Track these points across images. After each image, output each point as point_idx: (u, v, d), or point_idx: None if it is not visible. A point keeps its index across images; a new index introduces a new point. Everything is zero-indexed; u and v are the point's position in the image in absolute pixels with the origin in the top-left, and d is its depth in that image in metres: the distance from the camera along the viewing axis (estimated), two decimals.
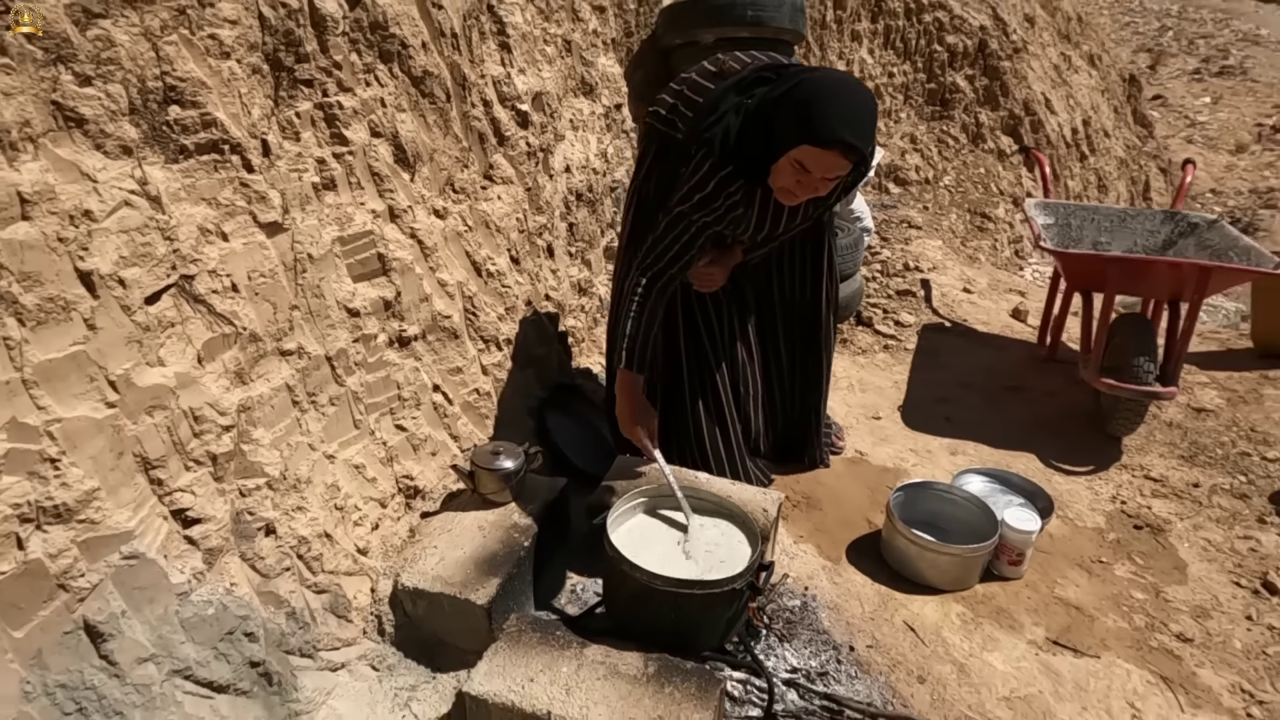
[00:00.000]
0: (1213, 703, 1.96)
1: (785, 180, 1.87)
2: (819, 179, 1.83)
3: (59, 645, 1.41)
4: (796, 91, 1.80)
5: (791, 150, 1.79)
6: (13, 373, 1.37)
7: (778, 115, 1.82)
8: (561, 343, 2.86)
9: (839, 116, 1.73)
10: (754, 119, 1.89)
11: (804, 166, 1.80)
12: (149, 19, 1.60)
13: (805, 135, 1.75)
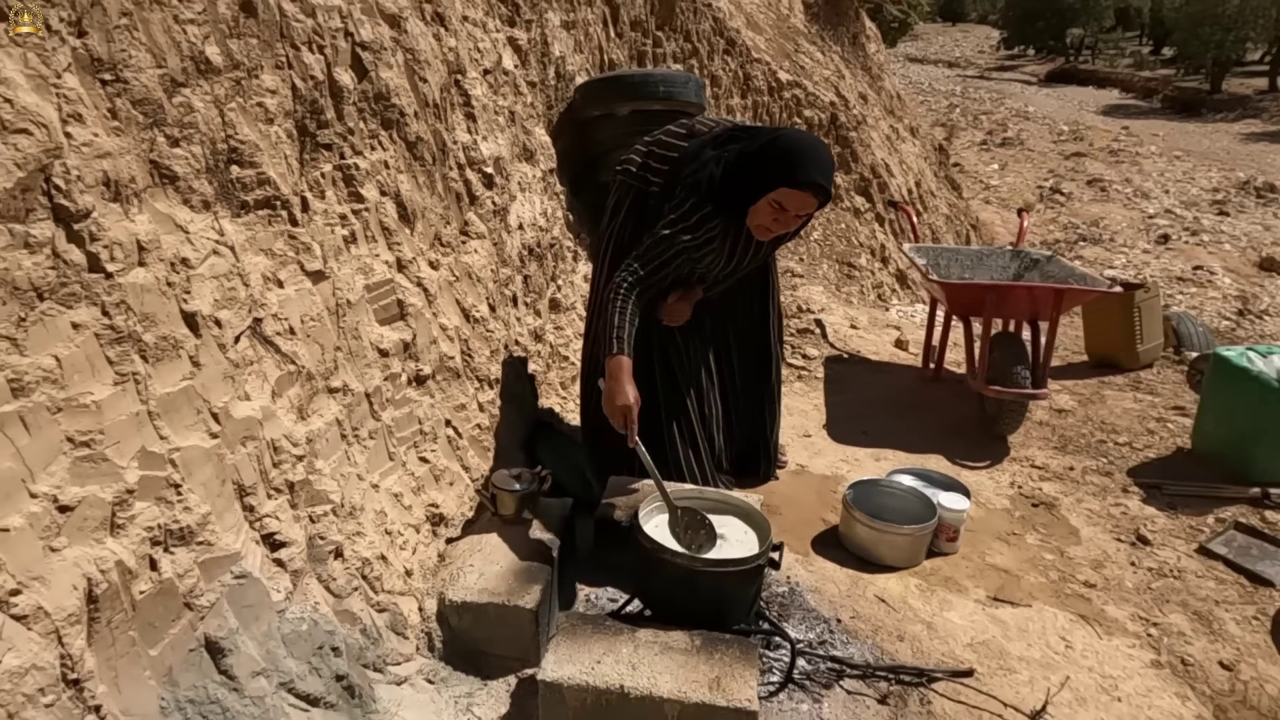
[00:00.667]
0: (1121, 630, 2.42)
1: (763, 218, 2.24)
2: (792, 216, 2.22)
3: (186, 662, 1.49)
4: (776, 144, 2.18)
5: (771, 192, 2.17)
6: (140, 405, 1.48)
7: (759, 164, 2.19)
8: (530, 382, 3.08)
9: (812, 165, 2.13)
10: (735, 167, 2.25)
11: (782, 206, 2.18)
12: (216, 88, 1.77)
13: (785, 180, 2.13)
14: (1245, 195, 19.70)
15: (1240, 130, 28.80)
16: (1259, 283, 13.98)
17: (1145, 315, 4.22)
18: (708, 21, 5.65)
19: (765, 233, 2.30)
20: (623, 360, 2.23)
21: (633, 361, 2.43)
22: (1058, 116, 30.48)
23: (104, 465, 1.39)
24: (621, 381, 2.21)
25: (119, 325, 1.46)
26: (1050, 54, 49.50)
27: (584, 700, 1.81)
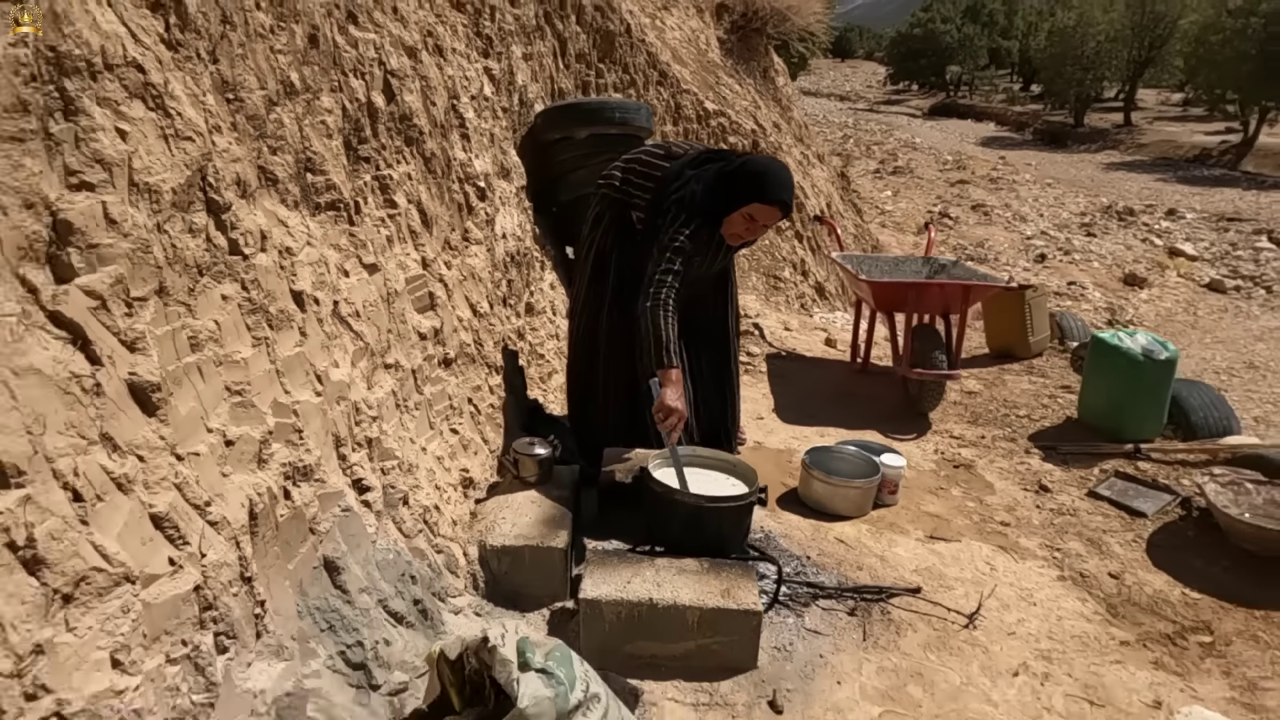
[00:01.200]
0: (1032, 555, 2.95)
1: (737, 228, 2.69)
2: (760, 226, 2.67)
3: (311, 576, 1.79)
4: (747, 167, 2.64)
5: (745, 206, 2.62)
6: (269, 364, 1.79)
7: (735, 183, 2.63)
8: (521, 374, 3.43)
9: (780, 185, 2.59)
10: (714, 185, 2.68)
11: (753, 218, 2.63)
12: (297, 106, 2.10)
13: (757, 196, 2.59)
14: (1109, 218, 21.64)
15: (1102, 160, 31.51)
16: (1124, 296, 15.46)
17: (1034, 311, 4.90)
18: (643, 55, 6.15)
19: (737, 239, 2.75)
20: (675, 374, 2.55)
21: (617, 344, 2.84)
22: (942, 147, 32.59)
23: (252, 410, 1.70)
24: (678, 392, 2.53)
25: (254, 299, 1.77)
26: (932, 89, 52.77)
27: (619, 613, 2.18)
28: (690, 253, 2.70)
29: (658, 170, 2.90)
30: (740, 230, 2.70)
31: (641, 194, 2.93)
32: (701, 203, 2.70)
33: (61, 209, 1.34)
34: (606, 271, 3.04)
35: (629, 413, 3.10)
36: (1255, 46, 26.36)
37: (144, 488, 1.40)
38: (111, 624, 1.27)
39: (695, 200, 2.70)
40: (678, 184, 2.77)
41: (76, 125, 1.39)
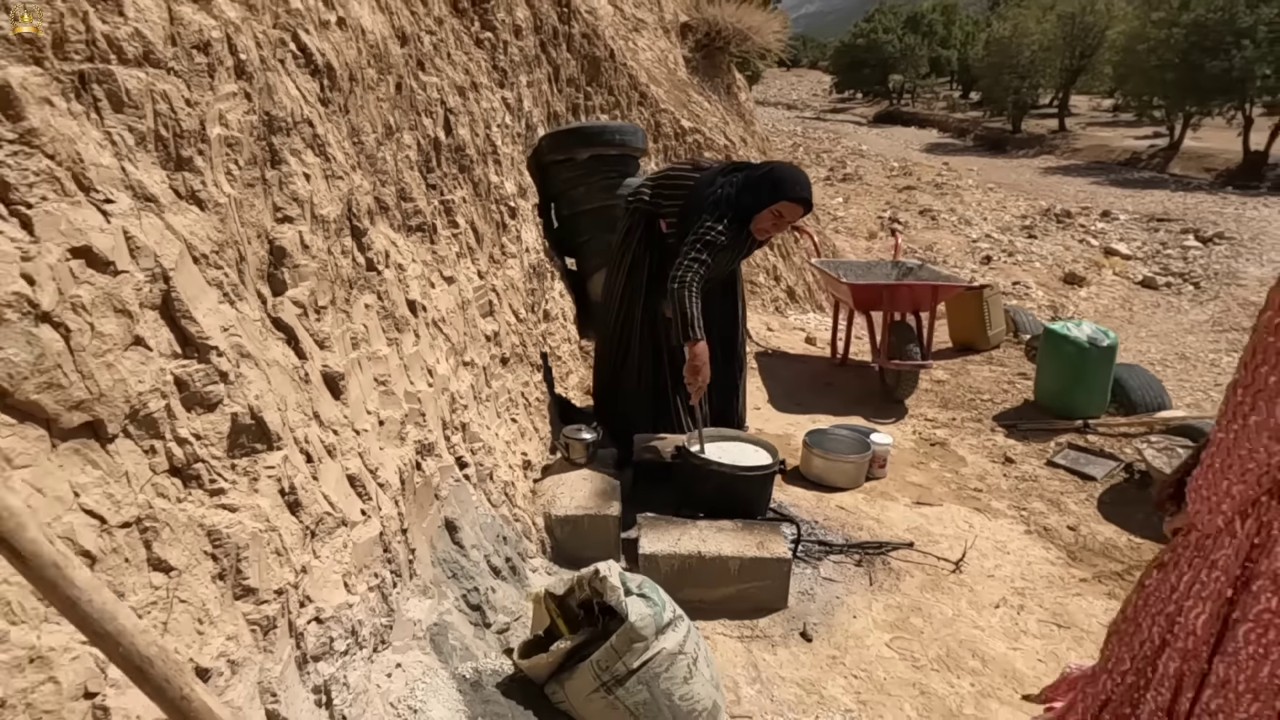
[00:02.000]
0: (1002, 514, 3.45)
1: (765, 223, 3.12)
2: (785, 221, 3.12)
3: (438, 533, 2.18)
4: (774, 172, 3.08)
5: (774, 205, 3.05)
6: (399, 360, 2.18)
7: (763, 185, 3.07)
8: (550, 373, 3.83)
9: (801, 185, 3.05)
10: (745, 187, 3.11)
11: (781, 214, 3.07)
12: (393, 144, 2.49)
13: (785, 194, 3.03)
14: (1048, 220, 22.68)
15: (1039, 164, 32.87)
16: (1064, 294, 16.36)
17: (991, 308, 5.45)
18: (625, 78, 6.59)
19: (764, 233, 3.19)
20: (701, 345, 2.97)
21: (647, 342, 3.27)
22: (888, 154, 33.63)
23: (392, 397, 2.09)
24: (705, 359, 2.97)
25: (386, 307, 2.16)
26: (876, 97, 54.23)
27: (673, 565, 2.60)
28: (722, 245, 3.07)
29: (689, 180, 3.31)
30: (768, 225, 3.14)
31: (671, 203, 3.34)
32: (736, 202, 3.12)
33: (275, 237, 1.73)
34: (641, 274, 3.45)
35: (654, 402, 3.52)
36: (1178, 56, 27.82)
37: (341, 455, 1.78)
38: (338, 555, 1.65)
39: (730, 200, 3.12)
40: (711, 189, 3.17)
41: (280, 172, 1.78)
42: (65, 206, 1.19)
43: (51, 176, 1.17)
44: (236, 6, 1.69)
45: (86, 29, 1.29)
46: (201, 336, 1.40)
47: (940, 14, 52.54)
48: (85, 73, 1.28)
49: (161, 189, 1.40)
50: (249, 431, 1.49)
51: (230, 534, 1.38)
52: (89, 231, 1.21)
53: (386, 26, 2.55)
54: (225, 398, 1.44)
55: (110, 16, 1.34)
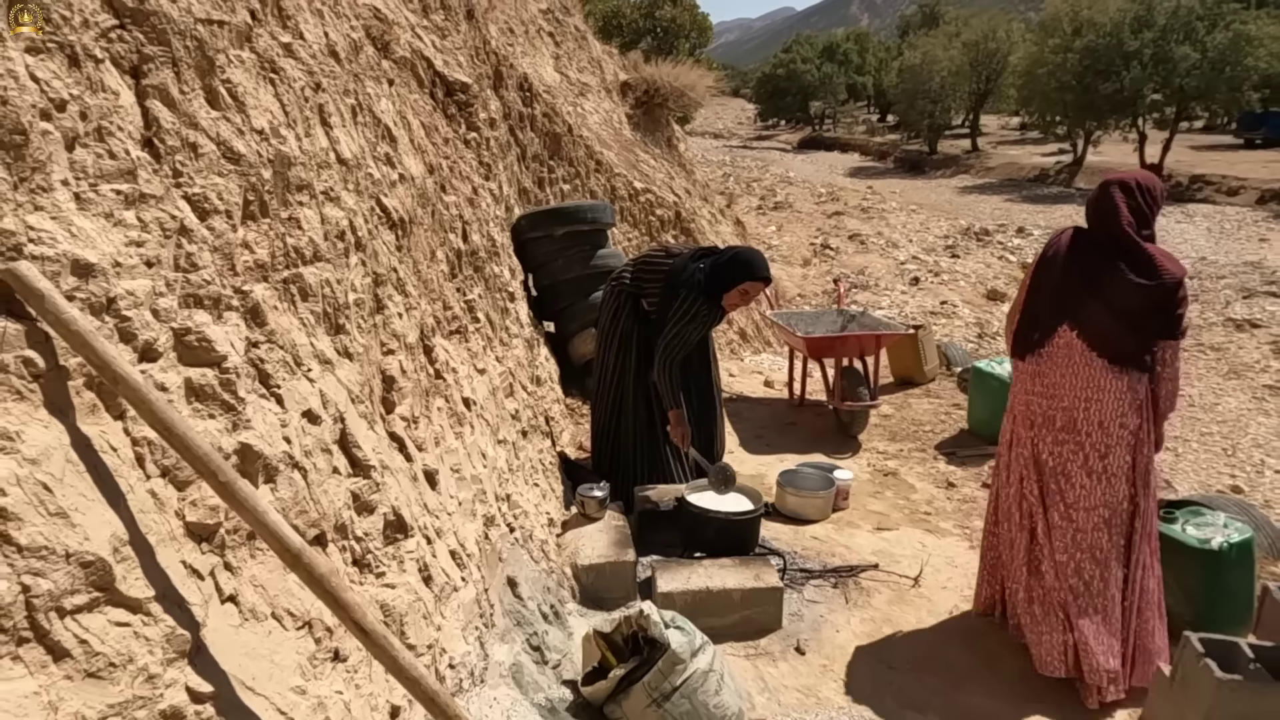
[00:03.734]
0: (950, 533, 4.06)
1: (734, 299, 3.71)
2: (751, 296, 3.71)
3: (504, 589, 2.66)
4: (738, 258, 3.68)
5: (740, 284, 3.64)
6: (464, 449, 2.66)
7: (732, 268, 3.66)
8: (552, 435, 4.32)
9: (762, 266, 3.65)
10: (714, 273, 3.69)
11: (746, 291, 3.66)
12: (434, 264, 2.99)
13: (750, 276, 3.63)
14: (969, 239, 23.98)
15: (957, 184, 34.61)
16: (989, 310, 17.42)
17: (925, 346, 6.14)
18: (582, 149, 7.17)
19: (733, 307, 3.79)
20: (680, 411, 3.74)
21: (641, 403, 3.82)
22: (815, 180, 34.96)
23: (464, 482, 2.57)
24: (683, 420, 3.75)
25: (451, 406, 2.65)
26: (799, 123, 56.17)
27: (687, 599, 3.12)
28: (701, 322, 3.71)
29: (664, 265, 3.88)
30: (737, 300, 3.76)
31: (652, 285, 3.91)
32: (707, 286, 3.70)
33: (385, 368, 2.22)
34: (630, 347, 3.99)
35: (649, 457, 4.05)
36: (1074, 78, 29.81)
37: (444, 535, 2.26)
38: (456, 614, 2.13)
39: (702, 284, 3.70)
40: (685, 274, 3.75)
41: (383, 315, 2.27)
42: (293, 382, 1.67)
43: (284, 362, 1.66)
44: (349, 193, 2.19)
45: (284, 245, 1.78)
46: (364, 459, 1.88)
47: (854, 43, 54.84)
48: (287, 278, 1.77)
49: (331, 352, 1.89)
50: (393, 525, 1.97)
51: (394, 605, 1.86)
52: (306, 396, 1.70)
53: (421, 164, 3.06)
54: (379, 502, 1.92)
55: (294, 230, 1.83)
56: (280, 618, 1.47)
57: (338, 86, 2.30)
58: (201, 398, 1.41)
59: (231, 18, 1.78)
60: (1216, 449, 10.88)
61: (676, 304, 3.69)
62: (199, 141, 1.57)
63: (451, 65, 4.44)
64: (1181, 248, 21.47)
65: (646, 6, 30.19)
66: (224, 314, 1.53)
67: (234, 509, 1.24)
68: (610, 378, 4.07)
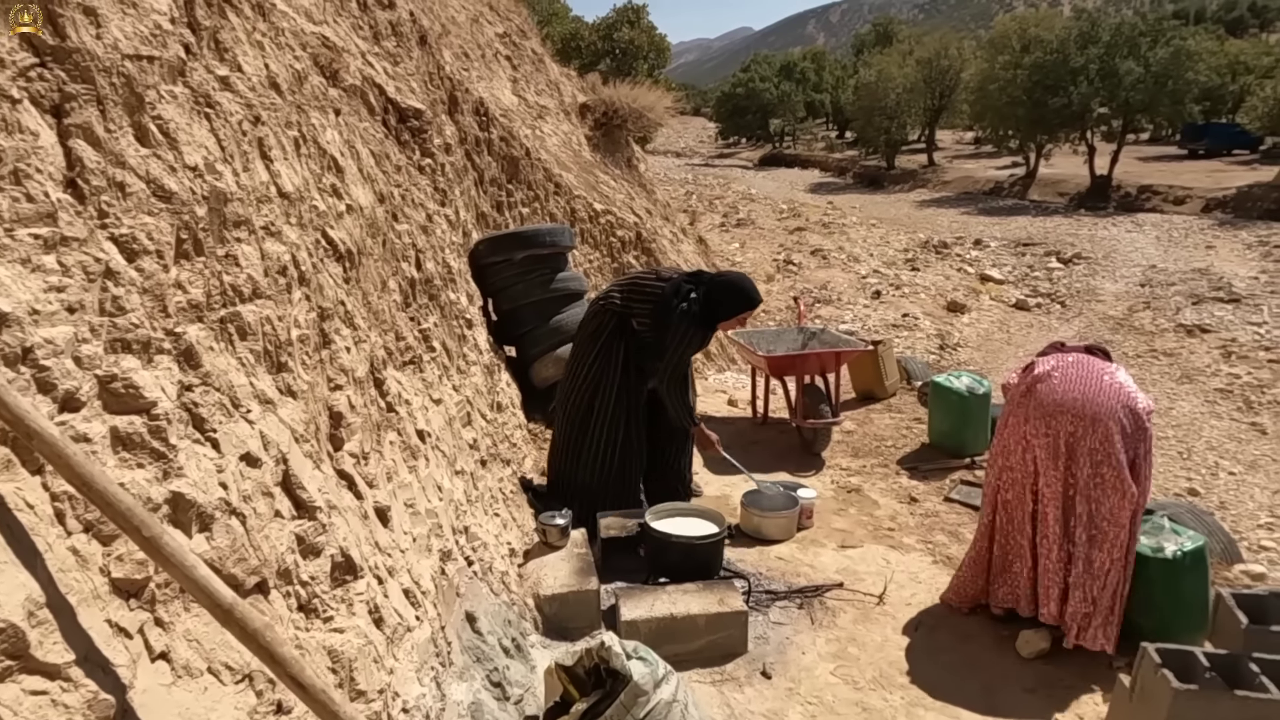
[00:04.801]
0: (913, 549, 4.08)
1: (731, 325, 3.77)
2: (741, 320, 3.77)
3: (462, 624, 2.60)
4: (733, 285, 3.80)
5: (739, 313, 3.70)
6: (419, 483, 2.61)
7: (726, 294, 3.75)
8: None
9: (753, 291, 3.69)
10: (710, 300, 3.75)
11: (743, 320, 3.71)
12: (385, 294, 2.94)
13: (748, 304, 3.71)
14: (928, 252, 24.34)
15: (914, 198, 35.20)
16: (949, 322, 17.67)
17: (885, 361, 6.20)
18: (541, 172, 7.16)
19: (728, 329, 4.01)
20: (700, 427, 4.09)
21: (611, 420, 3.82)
22: (776, 196, 35.32)
23: (419, 517, 2.52)
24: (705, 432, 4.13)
25: (404, 440, 2.60)
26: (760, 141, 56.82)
27: (651, 626, 3.08)
28: (695, 345, 3.86)
29: (656, 289, 3.88)
30: (732, 324, 3.96)
31: (642, 306, 3.90)
32: (705, 313, 3.79)
33: (333, 404, 2.17)
34: (612, 362, 3.96)
35: (618, 482, 4.02)
36: (1024, 93, 30.54)
37: (397, 573, 2.21)
38: (410, 655, 2.08)
39: (698, 314, 3.79)
40: (679, 299, 3.79)
41: (330, 350, 2.22)
42: (231, 425, 1.62)
43: (221, 404, 1.61)
44: (292, 227, 2.14)
45: (221, 283, 1.73)
46: (310, 501, 1.83)
47: (811, 62, 55.70)
48: (224, 317, 1.72)
49: (273, 391, 1.84)
50: (341, 567, 1.92)
51: (343, 650, 1.81)
52: (245, 439, 1.65)
53: (371, 194, 3.02)
54: (326, 544, 1.87)
55: (232, 268, 1.78)
56: (218, 672, 1.41)
57: (279, 118, 2.26)
58: (129, 446, 1.36)
59: (163, 53, 1.74)
60: (1172, 453, 11.09)
61: (674, 332, 3.76)
62: (127, 180, 1.53)
63: (404, 91, 4.41)
64: (1133, 256, 22.04)
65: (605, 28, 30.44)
66: (154, 357, 1.48)
67: (161, 565, 1.19)
68: (582, 393, 4.04)
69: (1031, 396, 3.11)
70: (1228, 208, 26.43)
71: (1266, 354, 14.26)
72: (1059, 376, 3.08)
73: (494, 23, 9.48)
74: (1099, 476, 2.97)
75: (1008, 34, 33.33)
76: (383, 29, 4.69)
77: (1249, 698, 2.28)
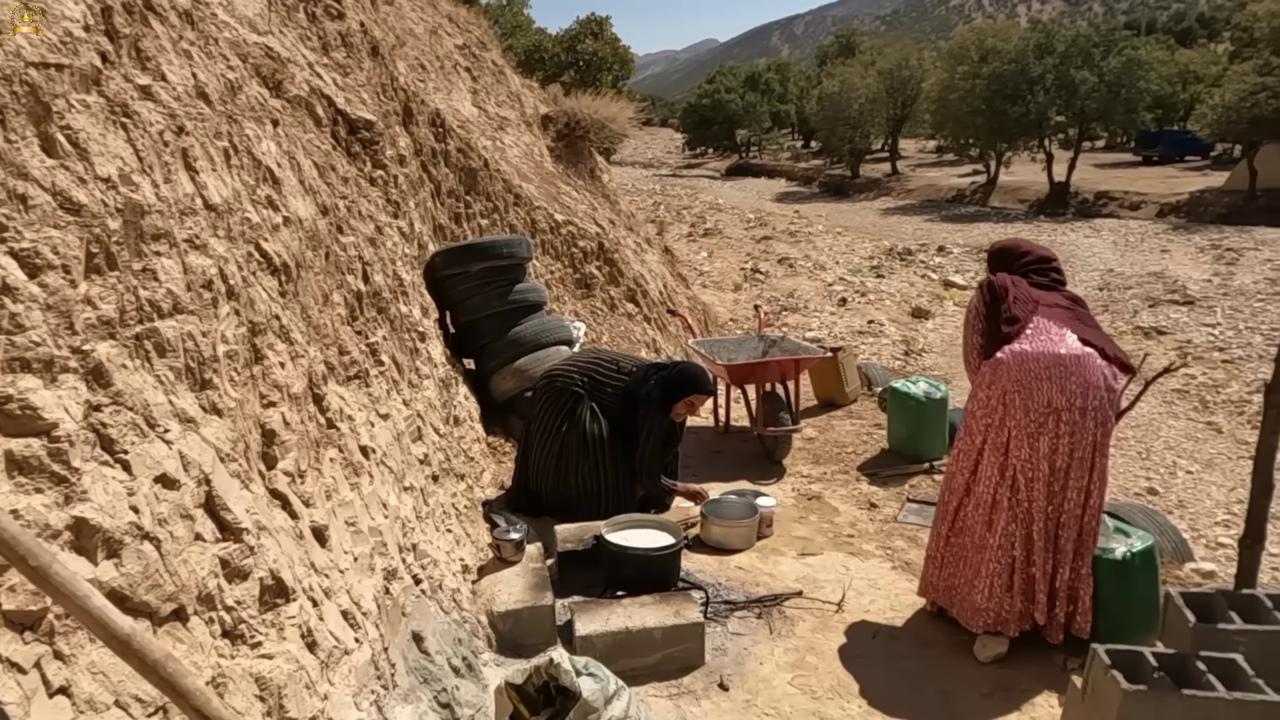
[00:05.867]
0: (873, 555, 4.07)
1: (681, 410, 3.90)
2: (695, 408, 3.83)
3: (409, 645, 2.54)
4: (684, 374, 3.95)
5: (689, 397, 3.80)
6: (361, 501, 2.55)
7: (680, 383, 3.89)
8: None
9: (705, 381, 3.81)
10: (666, 389, 3.91)
11: (692, 403, 3.78)
12: (329, 309, 2.88)
13: (697, 389, 3.81)
14: (893, 259, 24.60)
15: (879, 207, 35.60)
16: (914, 328, 17.84)
17: (846, 368, 6.22)
18: (500, 183, 7.11)
19: (680, 415, 4.11)
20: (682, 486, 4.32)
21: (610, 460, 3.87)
22: (743, 206, 35.52)
23: (361, 535, 2.45)
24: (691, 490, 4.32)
25: (346, 456, 2.54)
26: (726, 151, 57.21)
27: (606, 641, 3.04)
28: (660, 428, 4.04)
29: (619, 381, 4.14)
30: (683, 410, 4.10)
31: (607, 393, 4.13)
32: (658, 401, 3.97)
33: (265, 421, 2.11)
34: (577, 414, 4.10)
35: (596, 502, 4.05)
36: (984, 102, 31.07)
37: (335, 594, 2.15)
38: (347, 679, 2.02)
39: (659, 400, 3.98)
40: (645, 388, 4.04)
41: (263, 366, 2.16)
42: (145, 445, 1.56)
43: (134, 424, 1.55)
44: (220, 239, 2.08)
45: (137, 299, 1.67)
46: (236, 522, 1.77)
47: (776, 73, 56.22)
48: (140, 333, 1.66)
49: (195, 409, 1.78)
50: (271, 590, 1.86)
51: (272, 677, 1.74)
52: (161, 460, 1.59)
53: (313, 206, 2.96)
54: (254, 567, 1.80)
55: (149, 283, 1.72)
56: (126, 705, 1.35)
57: (207, 129, 2.20)
58: (26, 471, 1.29)
59: (74, 61, 1.68)
60: (1132, 453, 11.26)
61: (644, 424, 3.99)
62: (29, 192, 1.46)
63: (354, 103, 4.35)
64: (1091, 260, 22.47)
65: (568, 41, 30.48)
66: (58, 377, 1.42)
67: (50, 596, 1.13)
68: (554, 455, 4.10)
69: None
70: (1181, 212, 27.05)
71: (1220, 355, 14.57)
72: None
73: (453, 34, 9.43)
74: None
75: (966, 45, 33.92)
76: (332, 40, 4.63)
77: (1196, 696, 2.29)
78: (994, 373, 3.05)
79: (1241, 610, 2.72)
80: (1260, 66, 25.22)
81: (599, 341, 7.57)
